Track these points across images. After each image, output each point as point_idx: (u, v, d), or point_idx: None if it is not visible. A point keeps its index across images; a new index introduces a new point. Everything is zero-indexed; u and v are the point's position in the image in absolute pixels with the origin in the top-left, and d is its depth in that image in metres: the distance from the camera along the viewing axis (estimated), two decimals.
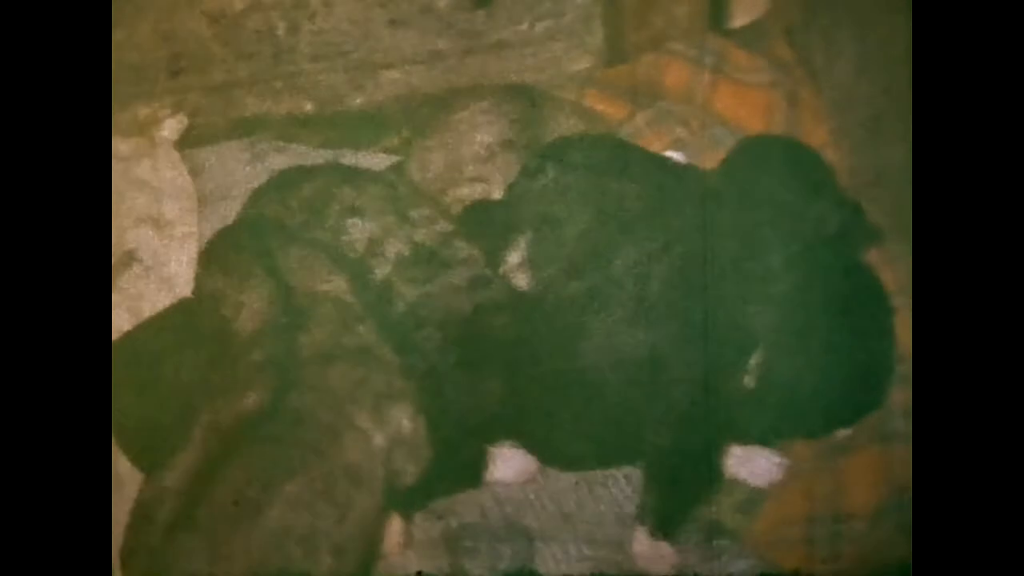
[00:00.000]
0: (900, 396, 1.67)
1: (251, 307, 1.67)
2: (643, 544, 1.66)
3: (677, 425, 1.71)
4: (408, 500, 1.66)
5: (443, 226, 1.76)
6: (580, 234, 1.74)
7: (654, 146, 1.83)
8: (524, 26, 1.82)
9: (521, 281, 1.75)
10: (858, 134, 1.82)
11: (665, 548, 1.64)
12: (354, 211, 1.75)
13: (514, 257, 1.76)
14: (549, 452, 1.71)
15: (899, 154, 1.70)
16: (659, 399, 1.69)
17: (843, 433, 1.69)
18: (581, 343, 1.70)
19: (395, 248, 1.73)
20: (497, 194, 1.82)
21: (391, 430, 1.60)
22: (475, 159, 1.83)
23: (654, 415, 1.70)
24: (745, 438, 1.70)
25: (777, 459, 1.68)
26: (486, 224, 1.79)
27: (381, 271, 1.72)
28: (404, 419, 1.61)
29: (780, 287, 1.70)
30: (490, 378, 1.72)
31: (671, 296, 1.69)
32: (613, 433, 1.69)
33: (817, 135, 1.81)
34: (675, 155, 1.83)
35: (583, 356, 1.70)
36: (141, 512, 1.55)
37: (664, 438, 1.71)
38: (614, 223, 1.73)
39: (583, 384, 1.72)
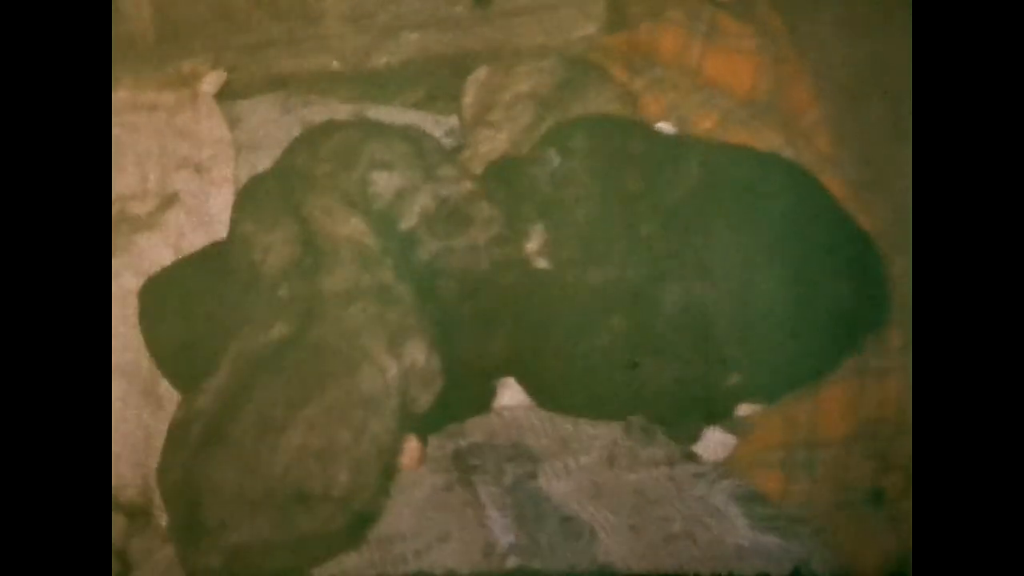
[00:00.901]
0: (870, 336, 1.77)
1: (278, 248, 1.73)
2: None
3: (672, 385, 1.76)
4: (424, 424, 1.74)
5: (467, 185, 1.81)
6: (587, 211, 1.80)
7: (651, 108, 1.89)
8: None
9: (534, 246, 1.80)
10: (838, 94, 1.88)
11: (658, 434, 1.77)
12: (382, 164, 1.79)
13: (529, 228, 1.81)
14: (547, 399, 1.80)
15: (877, 110, 1.82)
16: (655, 356, 1.76)
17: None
18: (587, 310, 1.77)
19: (421, 202, 1.79)
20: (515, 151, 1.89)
21: (406, 363, 1.68)
22: (496, 117, 1.88)
23: (648, 374, 1.76)
24: (742, 395, 1.78)
25: (731, 438, 1.78)
26: (505, 186, 1.83)
27: (406, 222, 1.78)
28: (418, 353, 1.69)
29: (768, 243, 1.77)
30: (499, 330, 1.79)
31: (668, 261, 1.76)
32: (608, 389, 1.77)
33: (800, 95, 1.88)
34: (665, 126, 1.87)
35: (588, 323, 1.77)
36: (177, 430, 1.65)
37: (658, 398, 1.77)
38: (617, 197, 1.80)
39: (586, 343, 1.76)
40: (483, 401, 1.81)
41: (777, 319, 1.74)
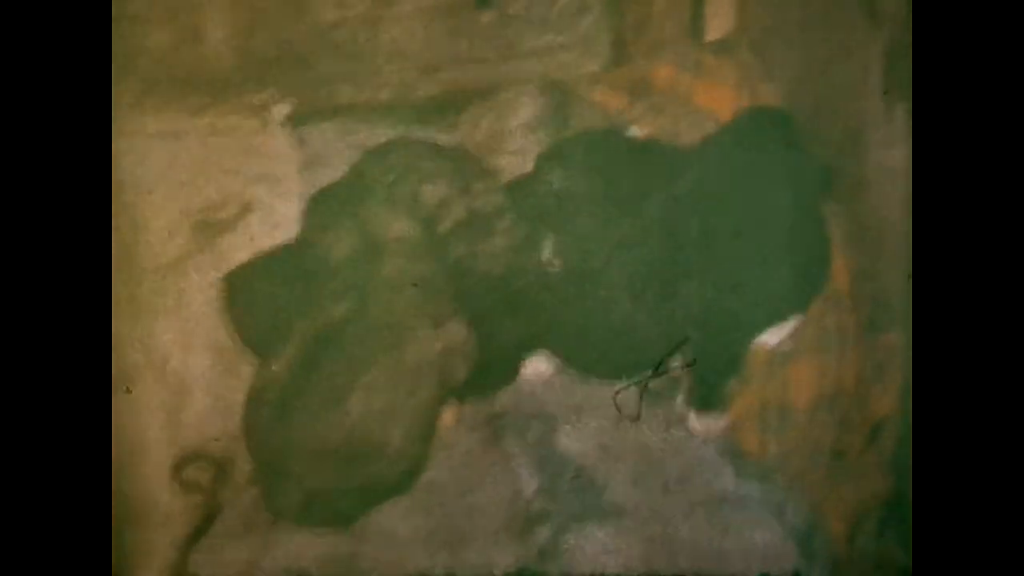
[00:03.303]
0: (832, 318, 1.94)
1: (340, 245, 1.90)
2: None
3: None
4: (461, 392, 1.92)
5: (493, 199, 1.95)
6: (589, 217, 1.95)
7: (647, 129, 1.98)
8: (548, 37, 1.99)
9: (546, 253, 1.94)
10: (806, 116, 1.96)
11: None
12: (429, 178, 1.92)
13: (541, 236, 1.95)
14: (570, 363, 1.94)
15: (839, 126, 1.93)
16: (661, 325, 1.93)
17: (798, 319, 1.93)
18: (598, 305, 1.93)
19: (455, 211, 1.93)
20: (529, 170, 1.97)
21: (446, 340, 1.88)
22: (515, 140, 1.98)
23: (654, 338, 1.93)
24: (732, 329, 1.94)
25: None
26: (524, 200, 1.96)
27: (443, 227, 1.92)
28: (456, 332, 1.88)
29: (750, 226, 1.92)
30: (516, 320, 1.93)
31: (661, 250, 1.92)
32: (620, 354, 1.94)
33: None
34: (635, 130, 1.97)
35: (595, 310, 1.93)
36: (256, 395, 1.84)
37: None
38: (615, 207, 1.95)
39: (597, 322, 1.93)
40: (511, 373, 1.93)
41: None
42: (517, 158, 1.99)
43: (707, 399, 1.96)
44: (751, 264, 1.92)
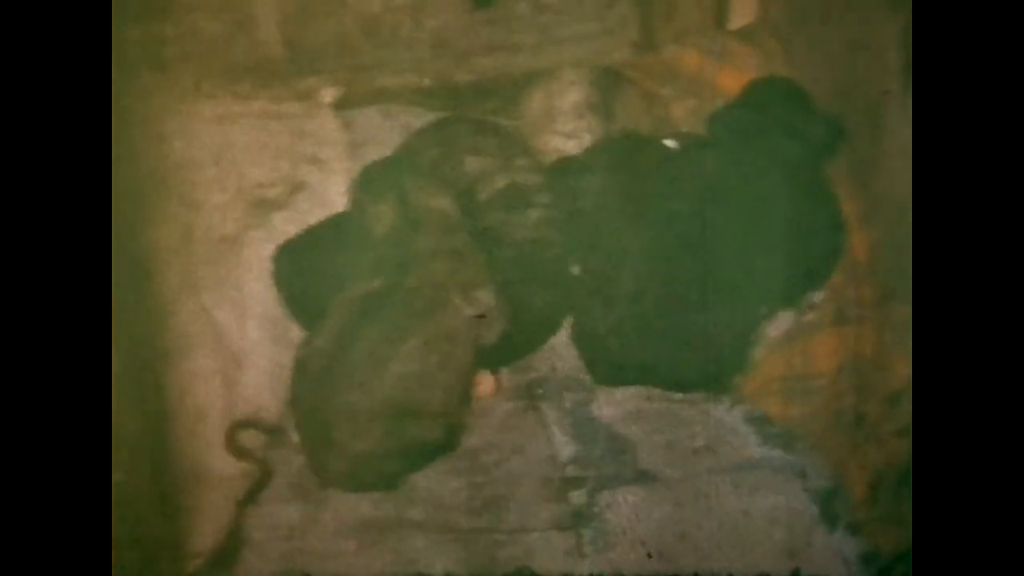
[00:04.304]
0: (851, 291, 2.02)
1: (381, 218, 1.95)
2: None
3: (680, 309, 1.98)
4: (498, 359, 2.00)
5: (535, 177, 2.03)
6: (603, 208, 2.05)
7: (675, 112, 2.09)
8: (580, 25, 2.10)
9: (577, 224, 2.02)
10: (826, 100, 2.04)
11: None
12: (474, 150, 2.00)
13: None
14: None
15: (859, 107, 2.00)
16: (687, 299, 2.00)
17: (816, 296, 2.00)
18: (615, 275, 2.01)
19: (497, 182, 2.00)
20: (574, 150, 2.08)
21: (478, 306, 1.92)
22: (562, 121, 2.07)
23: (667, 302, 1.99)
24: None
25: None
26: (562, 179, 2.06)
27: (482, 195, 1.99)
28: (485, 299, 1.92)
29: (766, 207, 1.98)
30: (545, 288, 2.03)
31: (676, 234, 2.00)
32: (633, 326, 2.00)
33: None
34: (670, 143, 2.05)
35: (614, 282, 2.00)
36: (301, 365, 1.91)
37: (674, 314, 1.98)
38: (631, 203, 2.03)
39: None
40: (542, 338, 2.04)
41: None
42: (558, 138, 2.10)
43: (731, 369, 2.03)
44: (764, 237, 1.99)
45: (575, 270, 2.06)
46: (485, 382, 2.02)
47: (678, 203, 2.03)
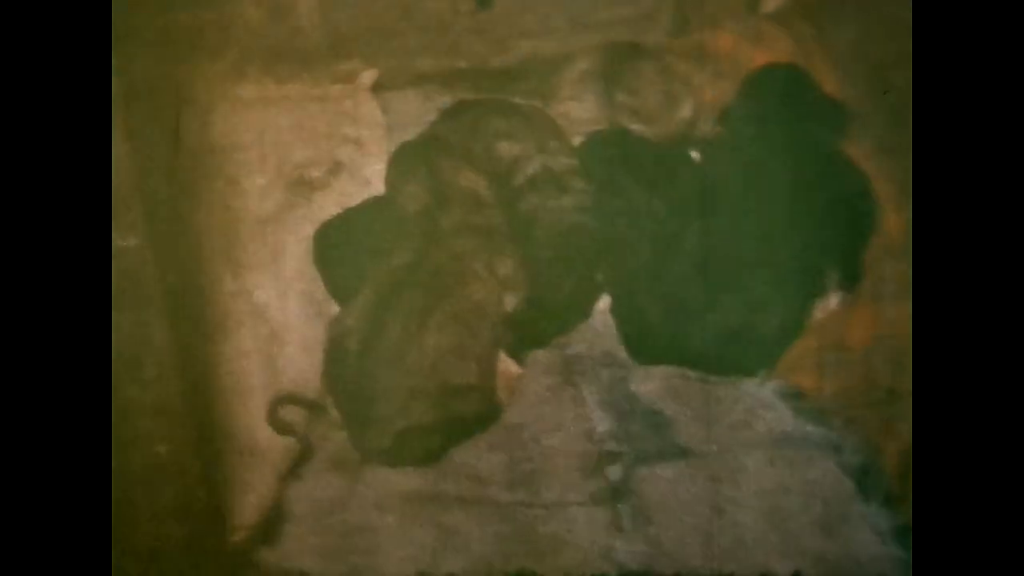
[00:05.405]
0: (888, 269, 2.03)
1: (414, 196, 2.00)
2: None
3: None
4: (532, 339, 2.03)
5: (568, 161, 2.04)
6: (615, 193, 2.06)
7: (707, 95, 2.08)
8: (616, 9, 2.08)
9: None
10: (860, 83, 2.05)
11: None
12: (506, 135, 2.02)
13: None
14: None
15: (892, 96, 2.01)
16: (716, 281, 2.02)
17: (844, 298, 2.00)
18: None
19: (531, 167, 2.02)
20: (578, 113, 2.06)
21: (500, 277, 1.95)
22: (586, 105, 2.08)
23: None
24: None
25: None
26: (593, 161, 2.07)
27: (517, 181, 2.02)
28: (507, 270, 1.95)
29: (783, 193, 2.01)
30: (576, 268, 2.04)
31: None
32: (672, 309, 2.02)
33: (826, 84, 2.06)
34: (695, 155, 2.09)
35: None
36: (334, 345, 1.95)
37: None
38: (640, 187, 2.06)
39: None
40: (583, 310, 2.04)
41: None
42: (565, 104, 2.10)
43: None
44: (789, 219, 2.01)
45: (609, 256, 2.07)
46: (513, 363, 2.03)
47: (713, 189, 2.05)
